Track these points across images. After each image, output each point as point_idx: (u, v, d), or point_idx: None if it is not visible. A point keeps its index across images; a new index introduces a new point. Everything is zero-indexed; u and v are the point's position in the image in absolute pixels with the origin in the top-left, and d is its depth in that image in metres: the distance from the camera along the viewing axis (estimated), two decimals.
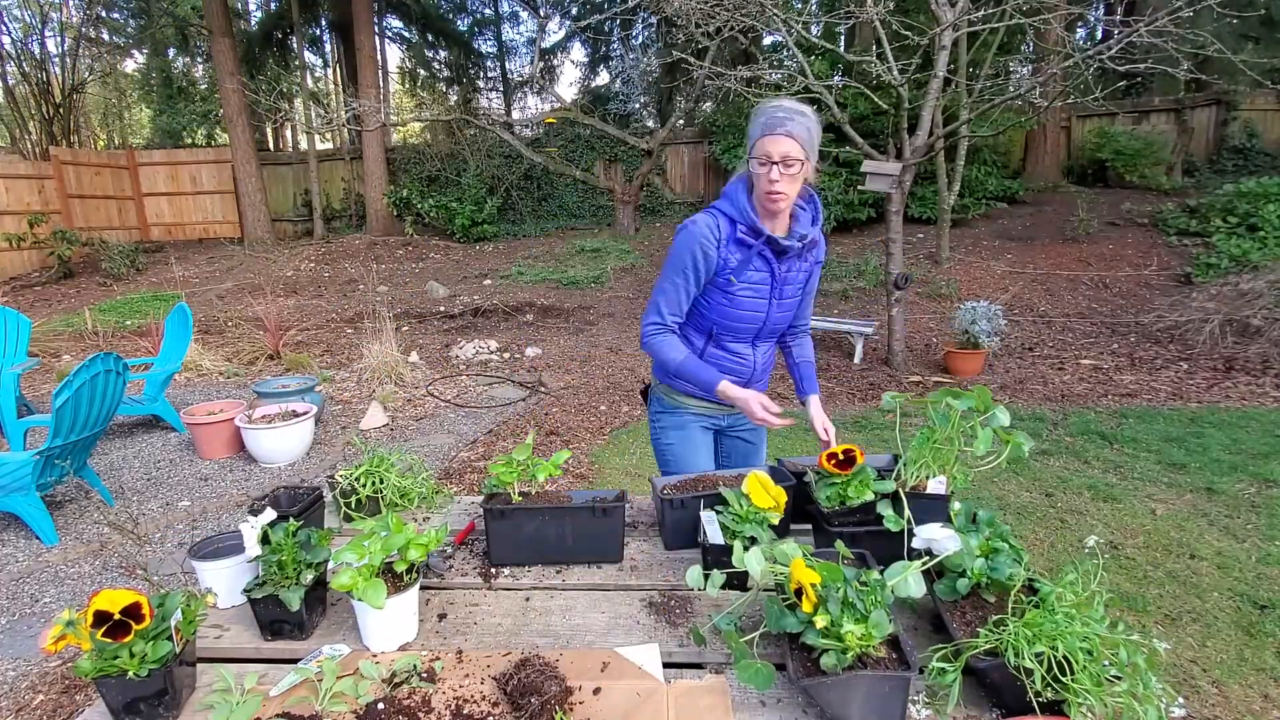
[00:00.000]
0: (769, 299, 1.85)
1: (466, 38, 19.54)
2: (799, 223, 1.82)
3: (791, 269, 1.85)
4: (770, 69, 6.95)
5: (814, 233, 1.84)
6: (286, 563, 1.09)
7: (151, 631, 0.91)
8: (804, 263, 1.89)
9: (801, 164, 1.66)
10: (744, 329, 1.89)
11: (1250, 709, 2.17)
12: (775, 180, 1.65)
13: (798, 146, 1.63)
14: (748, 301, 1.83)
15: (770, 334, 1.96)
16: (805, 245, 1.82)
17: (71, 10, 17.17)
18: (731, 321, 1.87)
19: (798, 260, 1.85)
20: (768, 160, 1.64)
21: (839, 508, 1.23)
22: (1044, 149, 11.96)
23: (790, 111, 1.64)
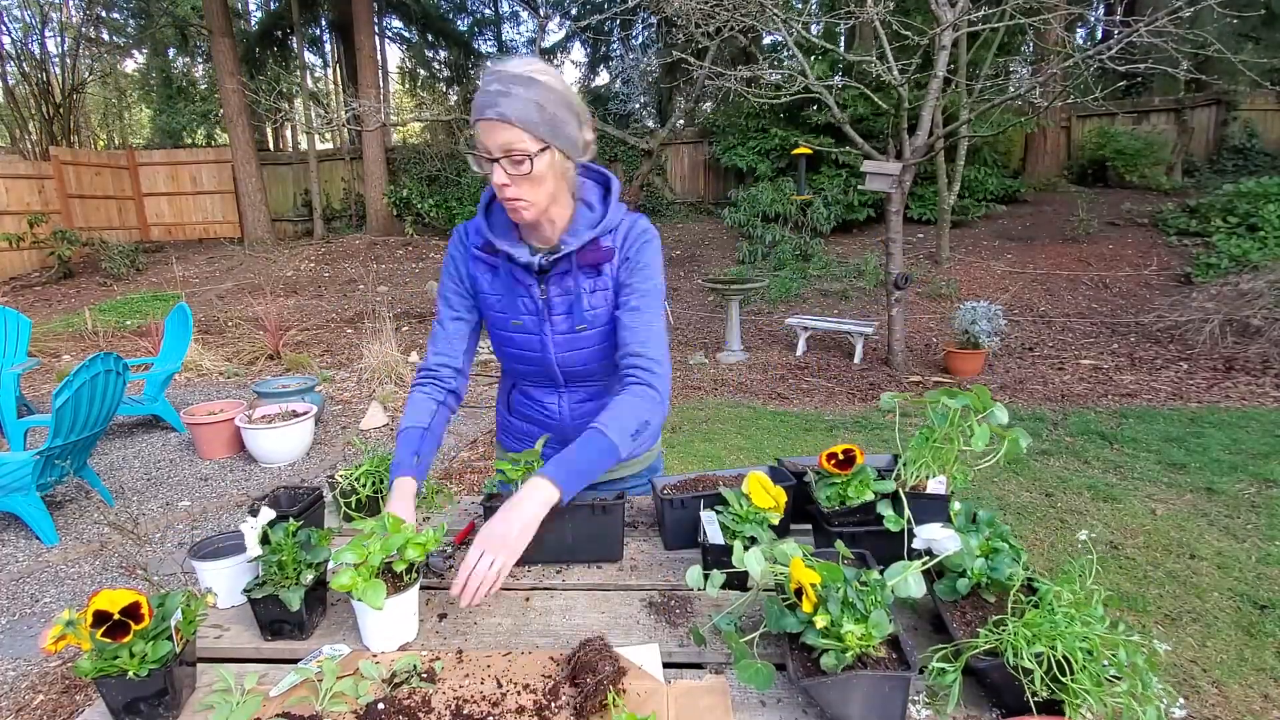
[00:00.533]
0: (539, 333, 1.38)
1: (466, 38, 19.56)
2: (576, 225, 1.32)
3: (567, 291, 1.34)
4: (770, 69, 6.95)
5: (596, 234, 1.31)
6: (287, 563, 1.09)
7: (151, 631, 0.91)
8: (594, 279, 1.34)
9: (530, 158, 1.17)
10: (527, 371, 1.47)
11: (1250, 709, 2.17)
12: (504, 184, 1.20)
13: (521, 134, 1.15)
14: (515, 337, 1.41)
15: (579, 378, 1.45)
16: (573, 257, 1.30)
17: (71, 10, 17.17)
18: (507, 361, 1.49)
19: (581, 278, 1.33)
20: (486, 155, 1.19)
21: (839, 508, 1.23)
22: (1044, 149, 11.97)
23: (507, 81, 1.15)
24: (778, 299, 8.71)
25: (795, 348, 7.01)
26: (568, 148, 1.23)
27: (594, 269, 1.34)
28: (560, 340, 1.39)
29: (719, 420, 5.21)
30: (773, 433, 4.87)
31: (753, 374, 6.40)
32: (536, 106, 1.15)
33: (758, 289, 8.39)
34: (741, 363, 6.78)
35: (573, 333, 1.38)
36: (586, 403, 1.48)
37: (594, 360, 1.42)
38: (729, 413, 5.37)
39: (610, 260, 1.34)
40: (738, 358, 6.88)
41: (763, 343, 7.41)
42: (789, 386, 6.06)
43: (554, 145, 1.20)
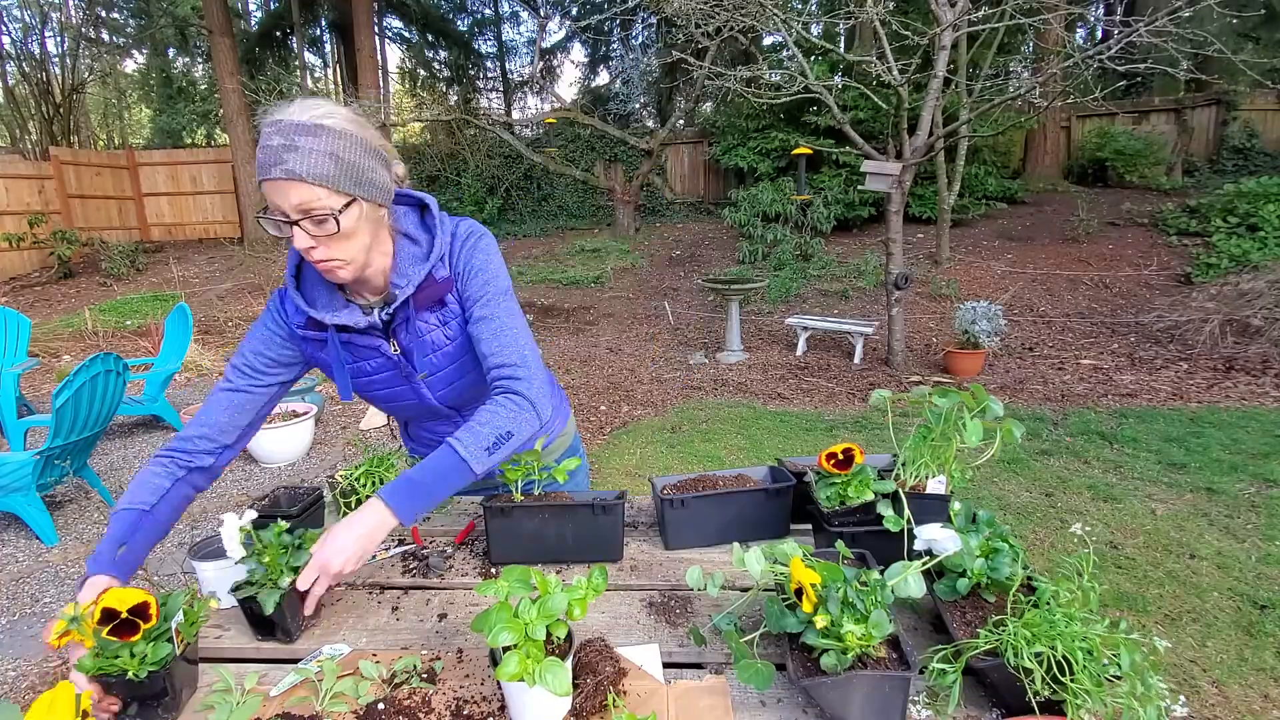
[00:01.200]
0: (405, 384, 1.28)
1: (466, 38, 19.55)
2: (400, 265, 1.18)
3: (418, 334, 1.22)
4: (770, 69, 6.95)
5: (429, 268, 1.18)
6: (270, 565, 1.06)
7: (154, 632, 0.91)
8: (440, 312, 1.23)
9: (334, 216, 1.03)
10: (417, 414, 1.39)
11: (1250, 709, 2.17)
12: (310, 248, 1.05)
13: (317, 190, 1.02)
14: (378, 395, 1.31)
15: (468, 402, 1.36)
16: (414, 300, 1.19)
17: (71, 10, 17.18)
18: (397, 414, 1.41)
19: (428, 314, 1.22)
20: (282, 217, 1.04)
21: (839, 508, 1.23)
22: (1044, 149, 11.97)
23: (289, 133, 1.00)
24: (778, 299, 8.71)
25: (795, 348, 7.01)
26: (377, 195, 1.11)
27: (437, 303, 1.22)
28: (433, 383, 1.29)
29: (719, 420, 5.21)
30: (773, 433, 4.87)
31: (753, 374, 6.40)
32: (330, 158, 1.02)
33: (758, 289, 8.39)
34: (741, 363, 6.78)
35: (437, 371, 1.27)
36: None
37: (474, 384, 1.32)
38: (729, 413, 5.37)
39: (451, 289, 1.22)
40: (738, 358, 6.88)
41: (763, 343, 7.41)
42: (789, 386, 6.06)
43: (360, 197, 1.07)
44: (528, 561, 1.26)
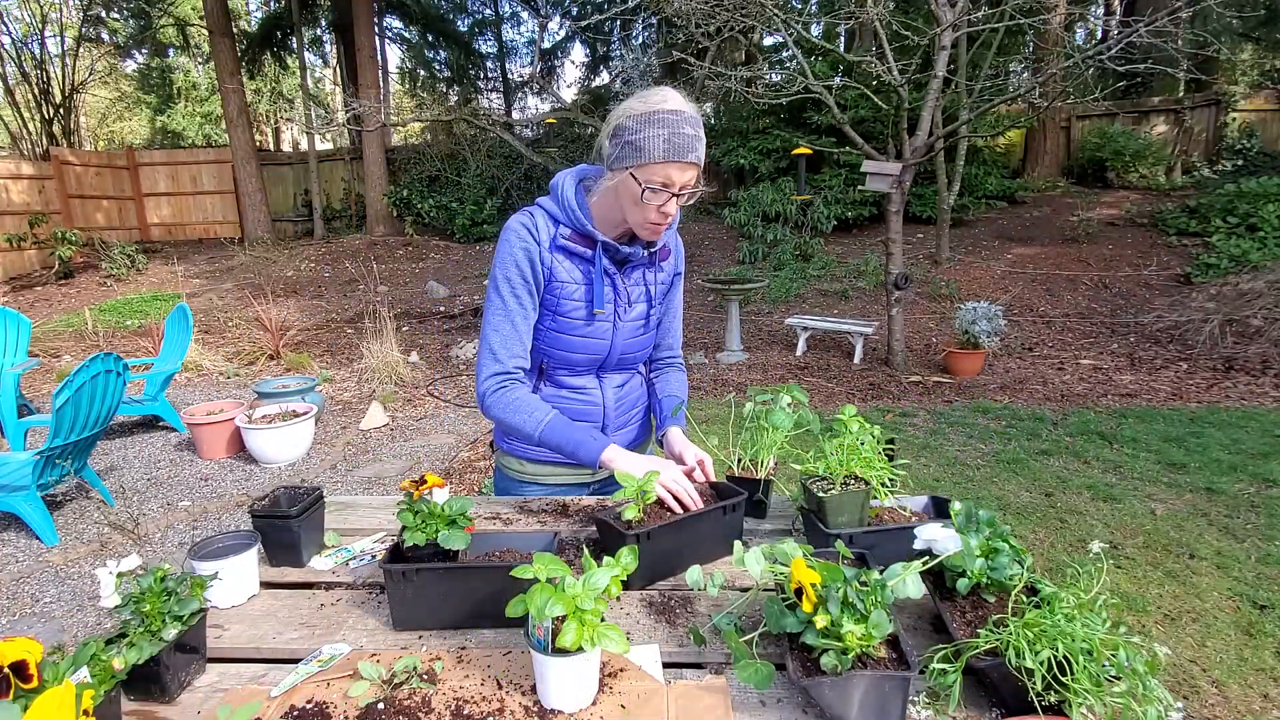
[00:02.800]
0: (612, 321, 1.48)
1: (467, 38, 19.55)
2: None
3: (640, 282, 1.49)
4: (770, 69, 6.95)
5: (666, 237, 1.51)
6: (151, 615, 0.97)
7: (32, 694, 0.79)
8: (657, 273, 1.52)
9: (698, 192, 1.35)
10: (582, 360, 1.51)
11: (1250, 709, 2.17)
12: (672, 213, 1.34)
13: (699, 173, 1.33)
14: (583, 326, 1.46)
15: (622, 365, 1.57)
16: (654, 253, 1.48)
17: (71, 10, 17.18)
18: (565, 351, 1.49)
19: (648, 271, 1.49)
20: (666, 188, 1.29)
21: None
22: (1044, 149, 11.97)
23: (696, 126, 1.30)
24: (778, 299, 8.71)
25: (795, 348, 7.01)
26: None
27: (659, 266, 1.53)
28: (625, 328, 1.51)
29: (720, 421, 5.21)
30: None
31: (753, 374, 6.40)
32: (705, 147, 1.33)
33: (758, 289, 8.39)
34: (741, 363, 6.78)
35: (636, 321, 1.51)
36: (620, 387, 1.59)
37: (645, 347, 1.59)
38: (729, 413, 5.36)
39: (668, 259, 1.55)
40: (738, 358, 6.88)
41: (763, 343, 7.41)
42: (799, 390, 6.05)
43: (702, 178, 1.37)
44: (434, 627, 1.13)
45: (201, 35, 17.54)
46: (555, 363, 1.52)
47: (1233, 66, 11.07)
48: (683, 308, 1.66)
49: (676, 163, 1.27)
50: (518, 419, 1.41)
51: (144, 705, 0.96)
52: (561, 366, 1.52)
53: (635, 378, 1.64)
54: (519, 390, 1.44)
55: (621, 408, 1.60)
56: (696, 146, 1.29)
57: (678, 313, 1.64)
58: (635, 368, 1.62)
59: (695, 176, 1.32)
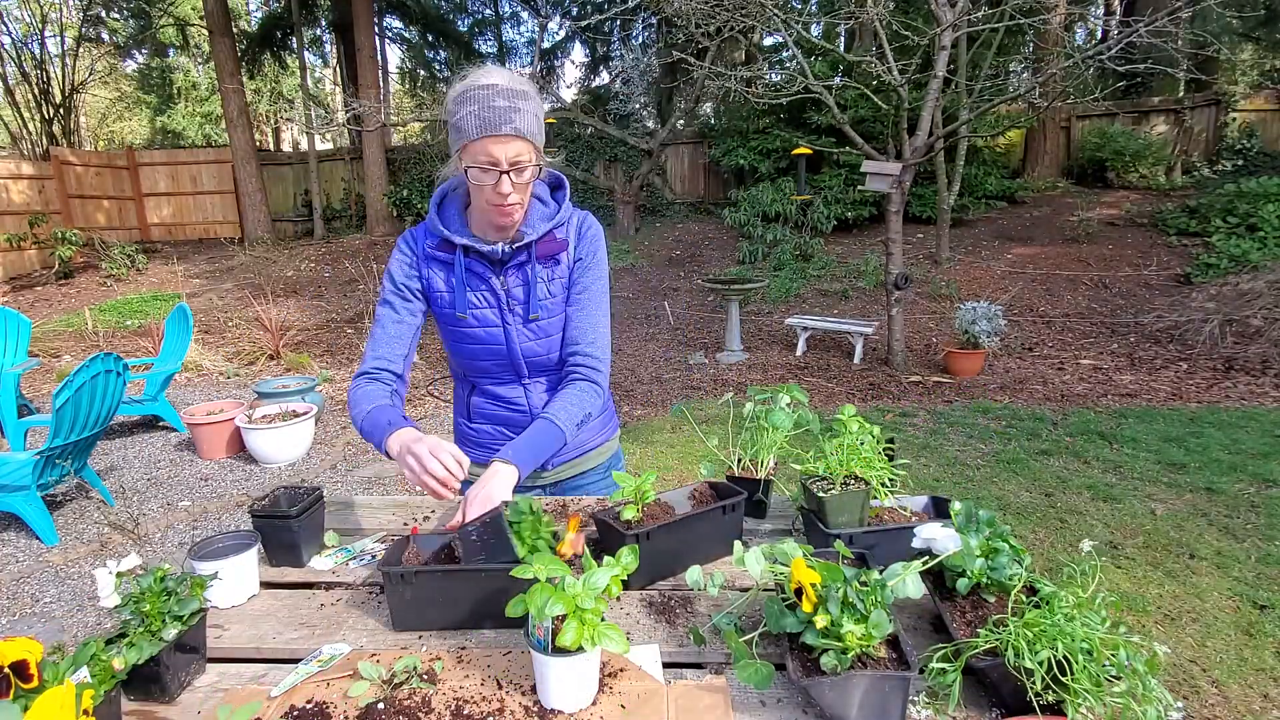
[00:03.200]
0: (499, 324, 1.44)
1: (467, 38, 19.55)
2: (530, 218, 1.41)
3: (522, 281, 1.42)
4: (770, 69, 6.95)
5: (551, 227, 1.41)
6: (151, 615, 0.97)
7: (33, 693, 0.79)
8: (551, 269, 1.43)
9: (534, 166, 1.30)
10: (490, 366, 1.49)
11: (1250, 709, 2.17)
12: (507, 192, 1.28)
13: (528, 145, 1.27)
14: (476, 332, 1.44)
15: (543, 369, 1.51)
16: (528, 246, 1.40)
17: (71, 10, 17.18)
18: (469, 359, 1.49)
19: (539, 266, 1.42)
20: (492, 165, 1.26)
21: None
22: (1044, 149, 11.97)
23: (514, 96, 1.24)
24: (778, 299, 8.71)
25: (795, 348, 7.01)
26: (541, 153, 1.35)
27: (551, 259, 1.43)
28: (522, 331, 1.45)
29: (720, 421, 5.20)
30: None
31: (753, 374, 6.40)
32: (536, 119, 1.28)
33: (758, 289, 8.39)
34: (741, 363, 6.78)
35: (533, 321, 1.44)
36: (549, 393, 1.53)
37: (554, 349, 1.48)
38: (729, 413, 5.36)
39: (564, 251, 1.44)
40: (738, 358, 6.88)
41: (763, 343, 7.41)
42: (795, 390, 6.05)
43: (540, 152, 1.33)
44: (434, 628, 1.13)
45: (201, 35, 17.54)
46: (471, 371, 1.54)
47: (1233, 66, 11.07)
48: (605, 303, 1.48)
49: (492, 137, 1.23)
50: (352, 412, 1.38)
51: (144, 705, 0.96)
52: (479, 375, 1.53)
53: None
54: (366, 386, 1.40)
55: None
56: (512, 117, 1.24)
57: (593, 305, 1.46)
58: (557, 372, 1.53)
59: (524, 150, 1.26)
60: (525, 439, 1.33)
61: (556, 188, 1.48)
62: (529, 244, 1.39)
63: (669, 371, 6.64)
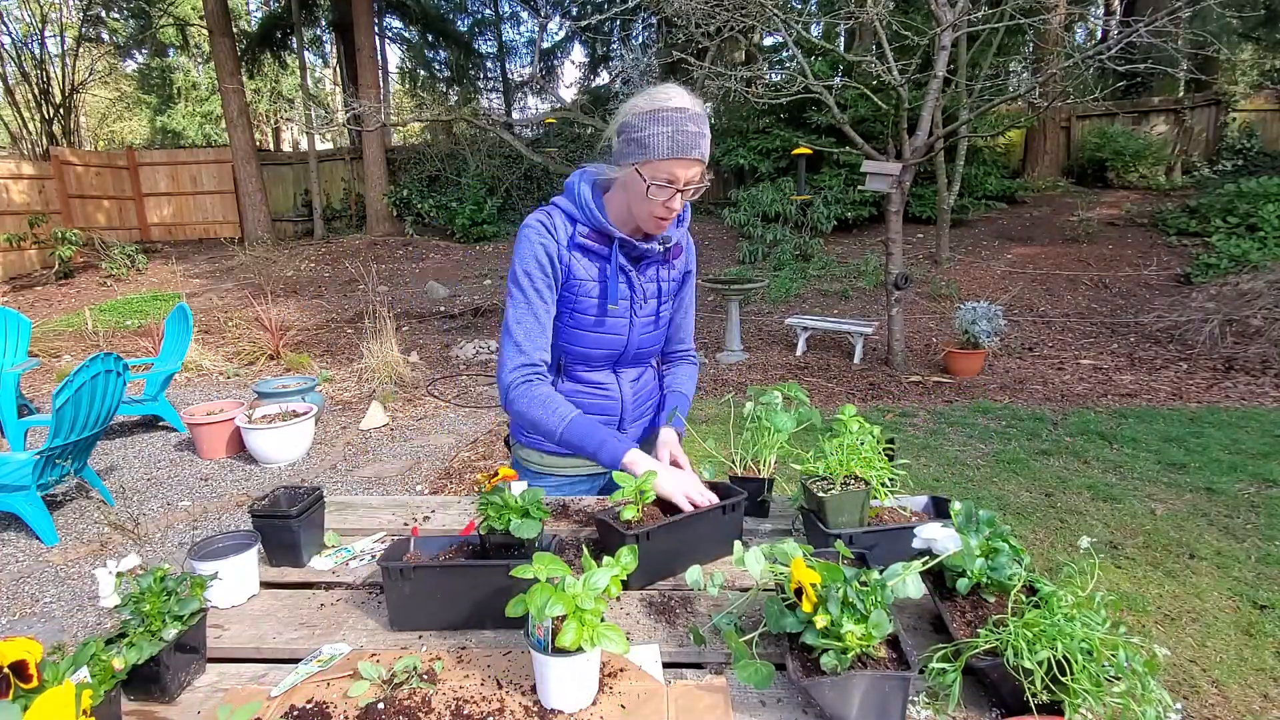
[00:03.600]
0: (628, 316, 1.51)
1: (467, 38, 19.55)
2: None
3: (653, 279, 1.53)
4: (770, 69, 6.95)
5: (678, 235, 1.52)
6: (151, 615, 0.97)
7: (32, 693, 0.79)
8: (669, 270, 1.56)
9: (702, 188, 1.38)
10: (599, 355, 1.54)
11: (1250, 709, 2.17)
12: (677, 209, 1.38)
13: (704, 169, 1.36)
14: (606, 321, 1.50)
15: (638, 359, 1.61)
16: (668, 249, 1.51)
17: (71, 10, 17.18)
18: (582, 347, 1.52)
19: (662, 267, 1.54)
20: (670, 184, 1.33)
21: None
22: (1044, 149, 11.97)
23: (700, 123, 1.32)
24: (778, 299, 8.71)
25: (795, 348, 7.01)
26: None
27: (669, 263, 1.56)
28: (640, 324, 1.54)
29: (720, 421, 5.21)
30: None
31: (753, 374, 6.40)
32: (710, 144, 1.35)
33: (758, 289, 8.39)
34: (741, 363, 6.78)
35: (652, 316, 1.56)
36: (636, 381, 1.64)
37: (659, 343, 1.63)
38: (729, 413, 5.37)
39: (680, 256, 1.58)
40: (738, 358, 6.88)
41: (763, 343, 7.41)
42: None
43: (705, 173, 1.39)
44: (432, 627, 1.13)
45: (201, 35, 17.55)
46: (573, 358, 1.55)
47: (1233, 66, 11.07)
48: (695, 304, 1.70)
49: (680, 159, 1.30)
50: (541, 415, 1.41)
51: (144, 705, 0.96)
52: (579, 362, 1.56)
53: (649, 371, 1.70)
54: (543, 386, 1.45)
55: (638, 401, 1.64)
56: (700, 143, 1.31)
57: (690, 308, 1.68)
58: (649, 362, 1.68)
59: (700, 172, 1.34)
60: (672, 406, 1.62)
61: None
62: (670, 246, 1.50)
63: None
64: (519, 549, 1.14)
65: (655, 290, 1.54)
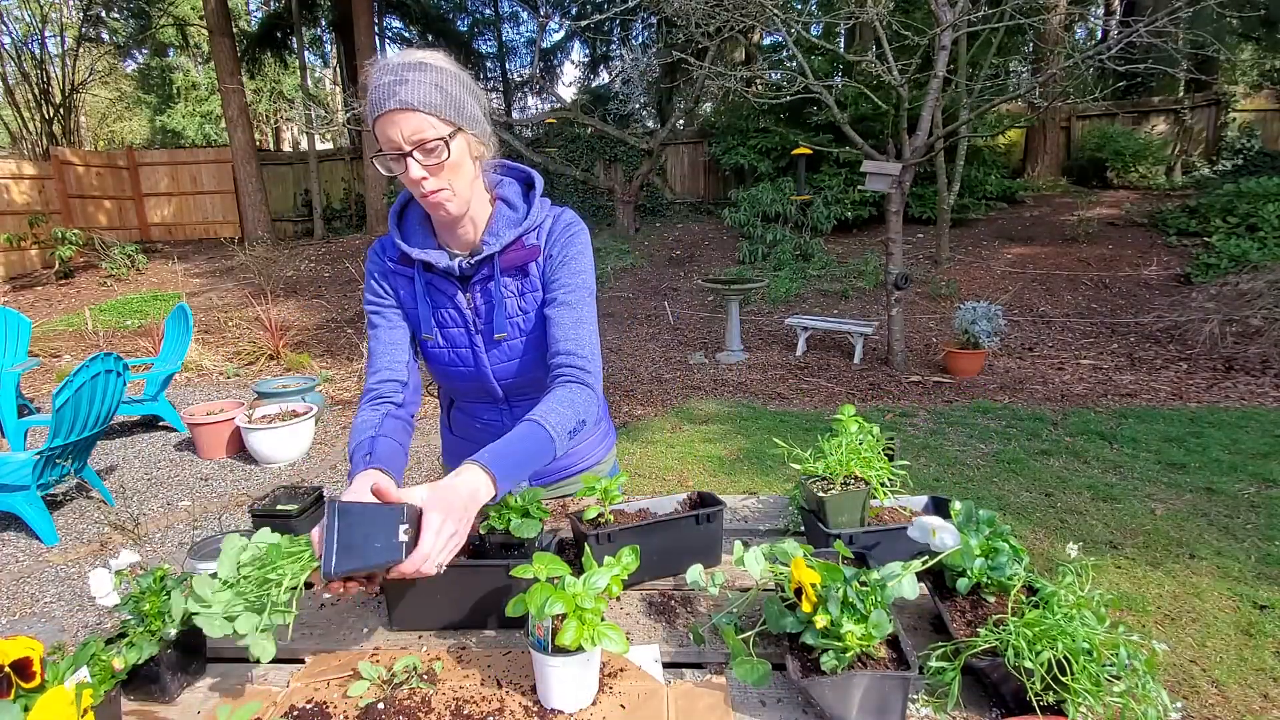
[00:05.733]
0: (469, 346, 1.30)
1: (467, 38, 19.54)
2: (495, 225, 1.25)
3: (490, 299, 1.26)
4: (770, 69, 6.95)
5: (520, 234, 1.24)
6: (151, 614, 0.97)
7: (34, 692, 0.78)
8: (519, 280, 1.27)
9: (445, 142, 1.10)
10: (467, 389, 1.38)
11: (1250, 709, 2.17)
12: (422, 178, 1.12)
13: (428, 118, 1.08)
14: (443, 353, 1.32)
15: (519, 392, 1.36)
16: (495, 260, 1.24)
17: (71, 10, 17.18)
18: (446, 380, 1.39)
19: (510, 280, 1.27)
20: (394, 150, 1.10)
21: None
22: (1044, 149, 11.97)
23: (400, 69, 1.08)
24: (778, 299, 8.71)
25: (795, 348, 7.01)
26: (478, 131, 1.17)
27: (519, 270, 1.27)
28: (496, 354, 1.31)
29: (719, 420, 5.21)
30: (773, 433, 4.87)
31: (753, 374, 6.40)
32: (436, 88, 1.09)
33: (758, 289, 8.39)
34: (741, 363, 6.78)
35: (504, 342, 1.30)
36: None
37: (532, 369, 1.32)
38: (729, 413, 5.37)
39: (536, 259, 1.27)
40: (737, 358, 6.88)
41: (763, 343, 7.41)
42: (789, 386, 6.06)
43: (463, 127, 1.13)
44: (432, 627, 1.12)
45: (201, 35, 17.54)
46: (450, 392, 1.45)
47: (1233, 66, 11.07)
48: (588, 302, 1.28)
49: (384, 115, 1.08)
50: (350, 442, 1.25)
51: (144, 705, 0.96)
52: (458, 395, 1.44)
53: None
54: (365, 413, 1.24)
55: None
56: (397, 90, 1.07)
57: (578, 309, 1.26)
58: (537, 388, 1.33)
59: (422, 124, 1.08)
60: (507, 443, 1.08)
61: (532, 188, 1.31)
62: (491, 256, 1.23)
63: (669, 371, 6.64)
64: (519, 548, 1.14)
65: (506, 310, 1.27)
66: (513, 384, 1.35)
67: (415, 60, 1.10)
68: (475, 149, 1.18)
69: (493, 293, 1.26)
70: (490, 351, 1.31)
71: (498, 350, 1.31)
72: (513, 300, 1.28)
